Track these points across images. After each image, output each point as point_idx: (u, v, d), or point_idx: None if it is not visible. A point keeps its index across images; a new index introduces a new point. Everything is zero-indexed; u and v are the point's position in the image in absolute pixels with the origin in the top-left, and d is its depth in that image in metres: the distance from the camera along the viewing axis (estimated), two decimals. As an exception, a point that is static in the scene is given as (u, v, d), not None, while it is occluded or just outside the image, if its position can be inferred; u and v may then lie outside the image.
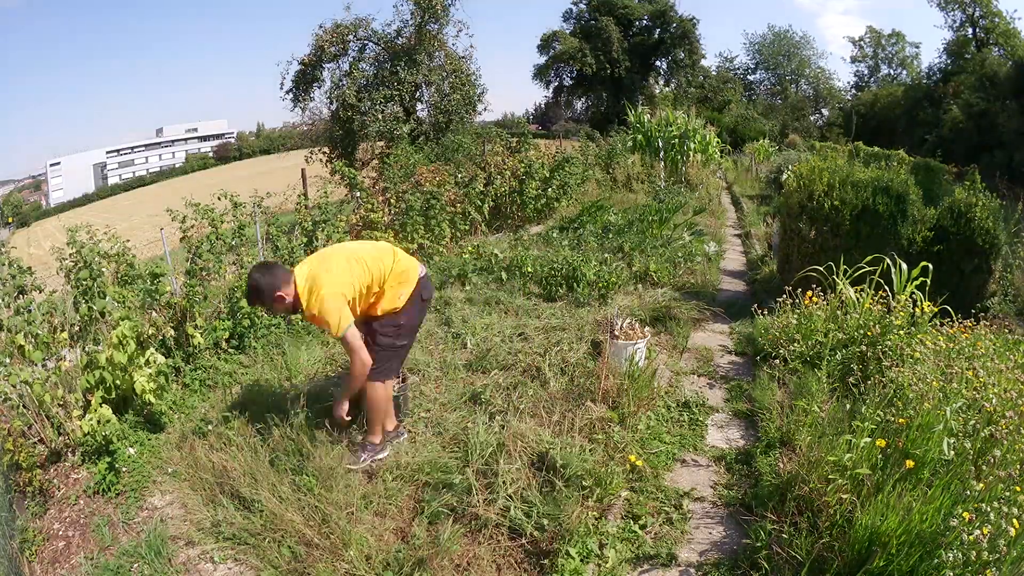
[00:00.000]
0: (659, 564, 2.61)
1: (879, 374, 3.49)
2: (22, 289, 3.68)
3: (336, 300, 2.68)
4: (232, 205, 5.14)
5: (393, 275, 2.89)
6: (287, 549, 2.68)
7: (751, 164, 21.44)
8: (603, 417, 3.49)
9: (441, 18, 17.65)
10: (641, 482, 3.11)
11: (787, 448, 3.23)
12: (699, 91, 46.17)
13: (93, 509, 3.09)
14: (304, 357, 4.49)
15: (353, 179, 7.19)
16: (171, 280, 4.84)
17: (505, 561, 2.61)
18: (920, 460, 2.58)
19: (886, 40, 48.42)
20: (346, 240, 5.90)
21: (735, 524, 2.83)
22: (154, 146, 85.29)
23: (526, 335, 4.85)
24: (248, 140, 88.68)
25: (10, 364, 3.33)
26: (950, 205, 5.61)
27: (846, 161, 7.66)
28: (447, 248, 7.58)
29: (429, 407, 3.82)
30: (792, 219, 5.88)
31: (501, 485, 2.88)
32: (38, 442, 3.44)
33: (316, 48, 17.74)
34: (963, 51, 37.41)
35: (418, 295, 2.96)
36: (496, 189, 9.11)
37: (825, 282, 4.75)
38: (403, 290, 2.91)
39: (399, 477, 3.15)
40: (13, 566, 2.63)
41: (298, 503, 2.86)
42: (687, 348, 5.02)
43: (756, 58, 52.92)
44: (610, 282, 5.91)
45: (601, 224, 8.62)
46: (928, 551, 2.15)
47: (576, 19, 48.59)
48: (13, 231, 43.74)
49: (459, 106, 17.94)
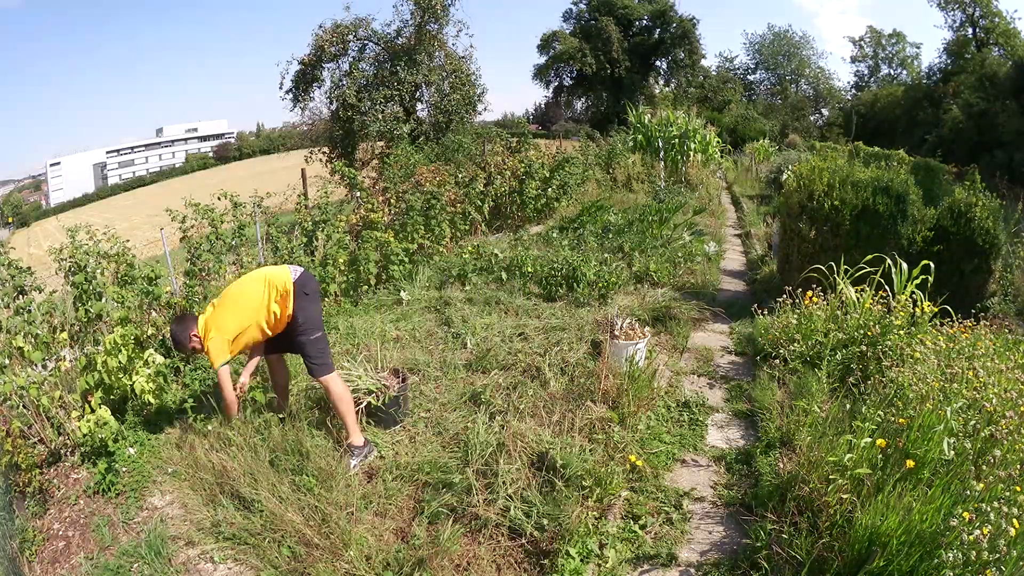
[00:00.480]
0: (659, 564, 2.61)
1: (879, 374, 3.49)
2: (22, 289, 3.67)
3: (218, 343, 3.19)
4: (232, 205, 5.14)
5: (273, 299, 3.29)
6: (287, 549, 2.68)
7: (751, 164, 21.42)
8: (603, 417, 3.49)
9: (441, 18, 17.65)
10: (641, 482, 3.11)
11: (787, 448, 3.23)
12: (699, 91, 46.12)
13: (93, 509, 3.09)
14: (304, 357, 4.49)
15: (353, 179, 7.18)
16: (171, 280, 4.84)
17: (505, 561, 2.61)
18: (920, 460, 2.58)
19: (886, 40, 48.41)
20: (345, 239, 5.91)
21: (735, 524, 2.83)
22: (154, 146, 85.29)
23: (526, 335, 4.85)
24: (248, 140, 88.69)
25: (8, 367, 3.32)
26: (950, 205, 5.61)
27: (846, 161, 7.65)
28: (447, 248, 7.58)
29: (429, 407, 3.83)
30: (792, 219, 5.88)
31: (501, 485, 2.89)
32: (38, 442, 3.43)
33: (316, 48, 17.73)
34: (963, 51, 37.36)
35: (300, 294, 3.32)
36: (496, 189, 9.11)
37: (825, 282, 4.74)
38: (287, 301, 3.30)
39: (399, 477, 3.15)
40: (13, 566, 2.63)
41: (298, 503, 2.86)
42: (687, 348, 5.02)
43: (756, 58, 52.93)
44: (610, 282, 5.91)
45: (601, 224, 8.62)
46: (928, 551, 2.15)
47: (576, 19, 48.58)
48: (13, 231, 43.76)
49: (459, 106, 17.94)
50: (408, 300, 5.93)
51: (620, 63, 44.98)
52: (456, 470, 3.09)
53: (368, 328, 5.04)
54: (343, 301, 5.78)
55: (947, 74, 37.65)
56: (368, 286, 6.19)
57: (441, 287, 6.38)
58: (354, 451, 3.30)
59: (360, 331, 4.98)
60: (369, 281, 6.16)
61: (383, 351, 4.50)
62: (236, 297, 3.27)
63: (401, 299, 5.93)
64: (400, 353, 4.61)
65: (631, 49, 45.63)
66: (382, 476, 3.14)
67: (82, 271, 3.84)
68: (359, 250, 5.96)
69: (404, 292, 6.02)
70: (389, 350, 4.61)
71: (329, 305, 5.65)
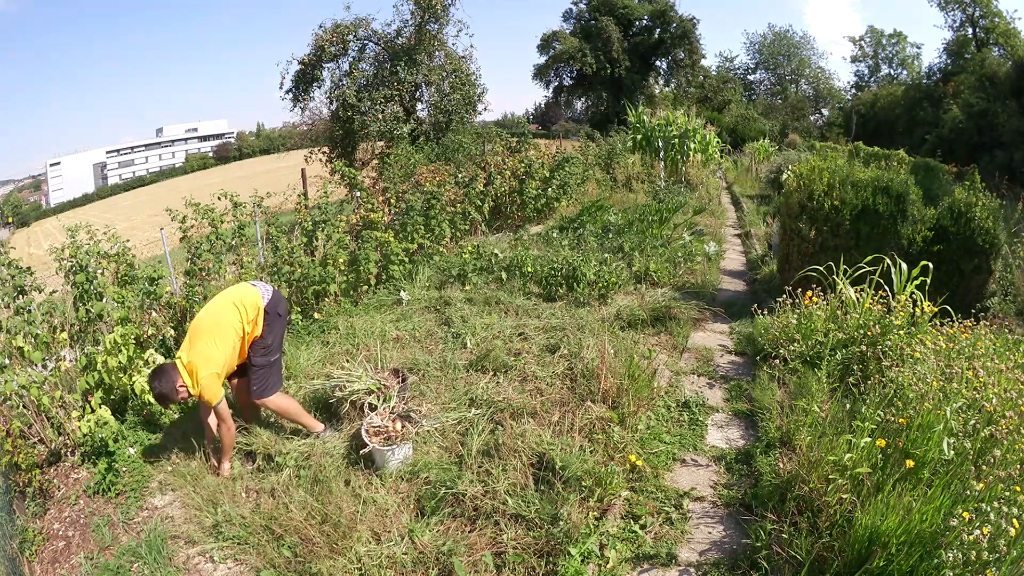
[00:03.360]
0: (659, 564, 2.61)
1: (879, 374, 3.49)
2: (22, 289, 3.67)
3: (210, 380, 3.04)
4: (232, 205, 5.14)
5: (246, 321, 3.21)
6: (287, 549, 2.68)
7: (751, 164, 21.42)
8: (603, 417, 3.49)
9: (441, 18, 17.62)
10: (641, 482, 3.11)
11: (787, 448, 3.23)
12: (699, 91, 46.14)
13: (93, 509, 3.09)
14: (304, 357, 4.50)
15: (353, 179, 7.18)
16: (171, 280, 4.84)
17: (505, 561, 2.60)
18: (920, 460, 2.58)
19: (887, 40, 48.41)
20: (345, 239, 5.91)
21: (735, 524, 2.83)
22: (154, 146, 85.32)
23: (526, 335, 4.85)
24: (248, 140, 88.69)
25: (9, 367, 3.32)
26: (950, 205, 5.60)
27: (846, 161, 7.64)
28: (447, 248, 7.58)
29: (429, 407, 3.83)
30: (792, 219, 5.88)
31: (501, 485, 2.89)
32: (38, 442, 3.43)
33: (316, 48, 17.70)
34: (963, 51, 37.37)
35: (274, 314, 3.29)
36: (496, 189, 9.11)
37: (825, 282, 4.74)
38: (259, 321, 3.25)
39: (399, 477, 3.15)
40: (13, 566, 2.63)
41: (298, 502, 2.86)
42: (687, 348, 5.02)
43: (756, 58, 52.95)
44: (610, 282, 5.91)
45: (601, 224, 8.62)
46: (928, 551, 2.15)
47: (576, 19, 48.61)
48: (13, 231, 43.74)
49: (459, 106, 17.91)
50: (408, 300, 5.93)
51: (620, 63, 44.99)
52: (456, 470, 3.09)
53: (368, 328, 5.04)
54: (343, 301, 5.79)
55: (947, 74, 37.65)
56: (368, 286, 6.19)
57: (441, 287, 6.38)
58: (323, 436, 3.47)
59: (360, 331, 4.98)
60: (369, 281, 6.16)
61: (383, 351, 4.50)
62: (212, 327, 3.12)
63: (401, 299, 5.93)
64: (400, 353, 4.61)
65: (631, 49, 45.64)
66: (381, 476, 3.14)
67: (83, 271, 3.84)
68: (359, 250, 5.96)
69: (404, 292, 6.03)
70: (389, 350, 4.62)
71: (329, 305, 5.65)
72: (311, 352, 4.61)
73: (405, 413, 3.49)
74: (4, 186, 79.29)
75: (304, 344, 4.81)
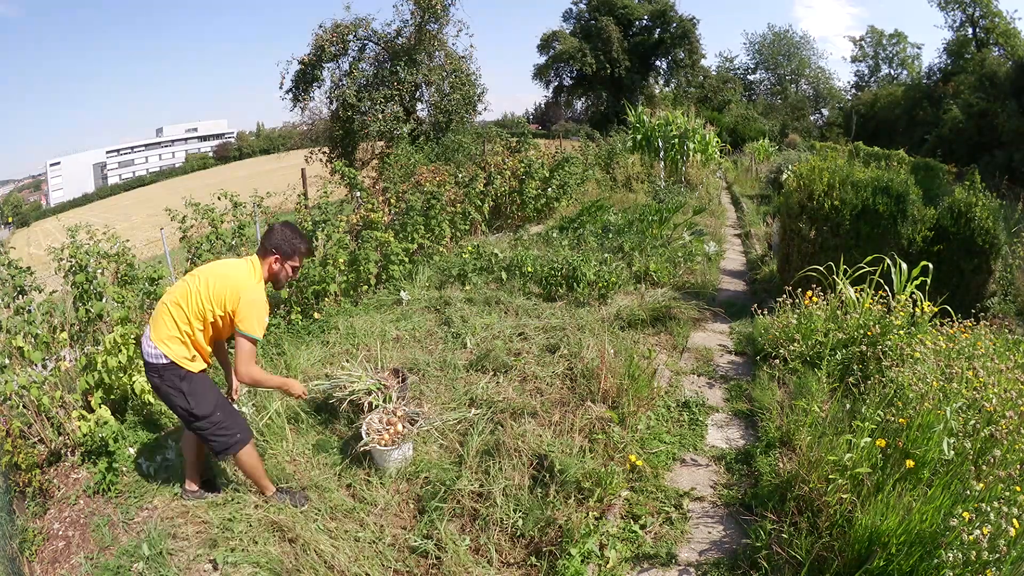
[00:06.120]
0: (659, 564, 2.61)
1: (879, 374, 3.49)
2: (22, 289, 3.67)
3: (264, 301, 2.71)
4: (232, 205, 5.14)
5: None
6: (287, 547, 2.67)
7: (751, 164, 21.42)
8: (603, 417, 3.49)
9: (441, 18, 17.61)
10: (641, 482, 3.11)
11: (787, 448, 3.23)
12: (699, 91, 46.15)
13: (93, 509, 3.08)
14: (303, 357, 4.49)
15: (353, 179, 7.17)
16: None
17: (505, 561, 2.61)
18: (920, 460, 2.58)
19: (887, 40, 48.41)
20: (345, 239, 5.90)
21: (735, 524, 2.83)
22: (154, 146, 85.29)
23: (526, 335, 4.85)
24: (248, 140, 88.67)
25: (9, 367, 3.32)
26: (950, 205, 5.60)
27: (846, 161, 7.64)
28: (447, 248, 7.58)
29: (429, 407, 3.83)
30: (792, 219, 5.88)
31: (501, 486, 2.89)
32: (38, 442, 3.43)
33: (316, 48, 17.69)
34: (963, 51, 37.36)
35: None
36: (496, 189, 9.11)
37: (825, 282, 4.74)
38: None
39: (399, 477, 3.15)
40: (13, 566, 2.63)
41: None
42: (687, 348, 5.02)
43: (756, 58, 52.94)
44: (610, 282, 5.91)
45: (601, 224, 8.62)
46: (928, 551, 2.15)
47: (576, 19, 48.62)
48: (13, 231, 43.70)
49: (459, 106, 17.90)
50: (408, 300, 5.93)
51: (620, 63, 45.00)
52: (456, 470, 3.09)
53: (368, 328, 5.04)
54: (343, 301, 5.78)
55: (947, 74, 37.64)
56: (368, 286, 6.19)
57: (441, 287, 6.38)
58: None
59: (360, 331, 4.99)
60: (369, 281, 6.16)
61: (383, 351, 4.51)
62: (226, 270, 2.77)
63: (401, 299, 5.93)
64: (400, 353, 4.61)
65: (631, 49, 45.66)
66: (380, 476, 3.14)
67: (83, 271, 3.84)
68: (359, 250, 5.95)
69: (404, 292, 6.03)
70: (389, 350, 4.62)
71: (329, 305, 5.65)
72: (311, 352, 4.61)
73: (405, 413, 3.49)
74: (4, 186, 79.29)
75: (304, 344, 4.81)
